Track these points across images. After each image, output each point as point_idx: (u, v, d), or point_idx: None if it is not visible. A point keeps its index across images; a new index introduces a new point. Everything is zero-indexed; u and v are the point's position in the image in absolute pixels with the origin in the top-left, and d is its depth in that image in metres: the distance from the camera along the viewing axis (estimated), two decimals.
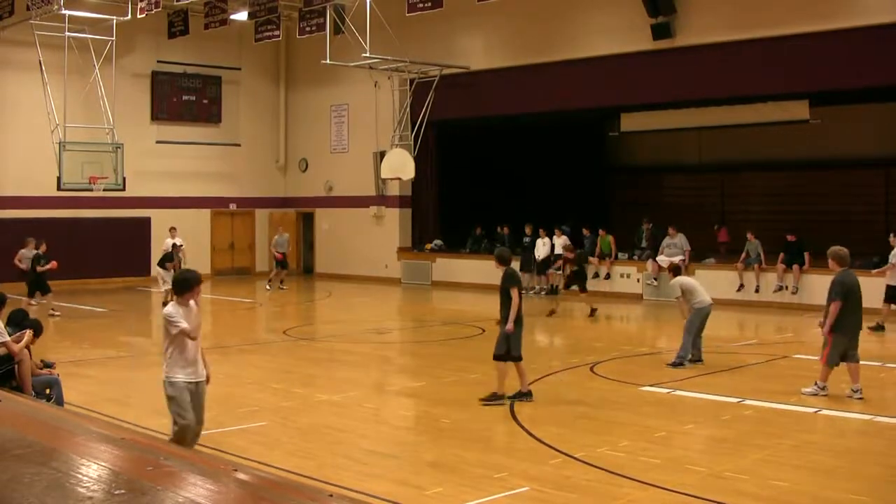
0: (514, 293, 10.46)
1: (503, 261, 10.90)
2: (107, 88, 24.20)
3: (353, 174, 28.44)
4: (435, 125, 26.00)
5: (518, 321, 10.52)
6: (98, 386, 12.11)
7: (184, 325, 7.49)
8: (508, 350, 10.54)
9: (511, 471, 7.92)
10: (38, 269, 18.97)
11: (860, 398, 10.65)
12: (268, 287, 25.20)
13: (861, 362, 10.99)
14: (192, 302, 7.65)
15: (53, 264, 19.20)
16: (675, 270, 14.12)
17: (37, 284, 19.22)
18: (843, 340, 10.70)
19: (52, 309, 19.30)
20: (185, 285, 7.69)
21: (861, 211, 25.93)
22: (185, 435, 7.60)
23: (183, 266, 21.76)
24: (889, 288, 16.69)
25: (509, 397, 10.63)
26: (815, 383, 10.92)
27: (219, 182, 29.23)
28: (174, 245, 21.81)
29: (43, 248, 19.48)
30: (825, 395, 10.78)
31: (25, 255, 19.56)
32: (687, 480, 7.60)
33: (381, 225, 28.01)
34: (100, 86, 24.17)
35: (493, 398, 10.56)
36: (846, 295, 10.61)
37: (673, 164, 29.78)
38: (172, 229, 22.64)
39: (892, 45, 18.75)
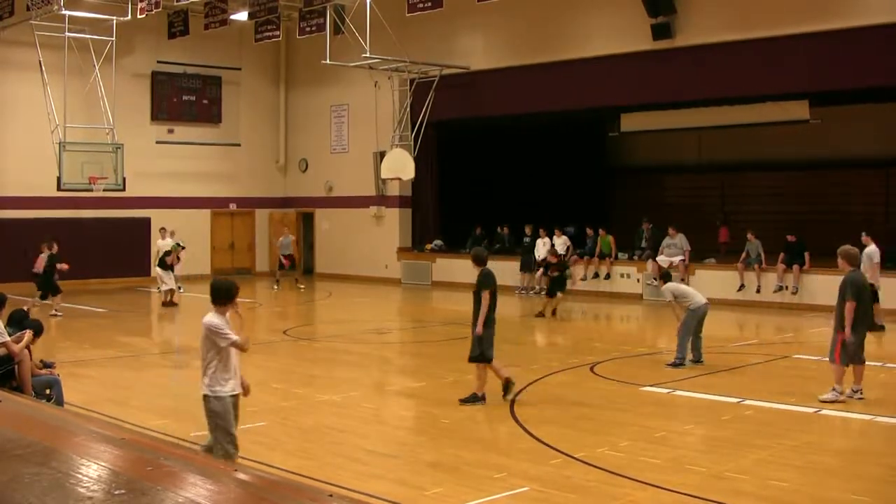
0: (486, 295, 10.41)
1: (480, 261, 10.80)
2: (107, 88, 24.20)
3: (353, 174, 28.44)
4: (435, 125, 25.99)
5: (489, 323, 10.47)
6: (98, 386, 12.11)
7: (234, 336, 7.18)
8: (482, 352, 10.52)
9: (511, 471, 7.92)
10: (58, 266, 19.10)
11: (861, 398, 10.63)
12: (275, 287, 25.35)
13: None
14: (228, 312, 7.32)
15: (65, 266, 19.28)
16: (665, 277, 14.16)
17: (49, 285, 19.22)
18: (856, 340, 10.58)
19: (55, 309, 19.31)
20: (226, 294, 7.30)
21: (861, 211, 25.91)
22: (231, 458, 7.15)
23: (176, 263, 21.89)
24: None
25: (504, 398, 10.63)
26: (833, 388, 10.64)
27: (219, 182, 29.23)
28: (176, 245, 21.94)
29: (55, 248, 19.53)
30: (844, 400, 10.56)
31: (44, 259, 19.62)
32: (687, 480, 7.60)
33: (381, 225, 28.00)
34: (100, 86, 24.17)
35: (473, 399, 10.57)
36: (859, 295, 10.51)
37: (673, 164, 29.77)
38: (163, 230, 22.70)
39: (892, 45, 18.75)
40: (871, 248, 16.66)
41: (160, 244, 22.16)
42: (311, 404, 10.91)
